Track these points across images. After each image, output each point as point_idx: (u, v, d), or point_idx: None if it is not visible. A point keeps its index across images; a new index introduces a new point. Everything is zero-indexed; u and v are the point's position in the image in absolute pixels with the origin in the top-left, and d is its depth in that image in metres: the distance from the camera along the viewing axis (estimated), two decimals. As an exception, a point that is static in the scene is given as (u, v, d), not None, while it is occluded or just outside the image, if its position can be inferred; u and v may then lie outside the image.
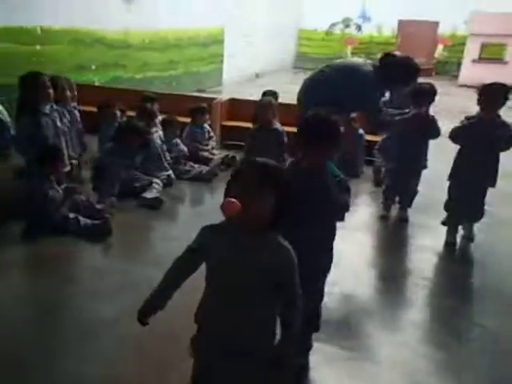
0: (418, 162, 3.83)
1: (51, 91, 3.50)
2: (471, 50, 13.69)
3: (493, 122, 3.22)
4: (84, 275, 2.98)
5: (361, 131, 5.07)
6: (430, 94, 3.69)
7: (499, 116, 3.25)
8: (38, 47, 6.04)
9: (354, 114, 4.56)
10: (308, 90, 3.76)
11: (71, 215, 3.41)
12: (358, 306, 2.78)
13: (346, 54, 16.50)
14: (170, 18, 9.00)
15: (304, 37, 17.97)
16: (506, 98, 3.17)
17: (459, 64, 14.34)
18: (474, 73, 12.83)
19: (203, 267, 1.57)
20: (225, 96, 6.73)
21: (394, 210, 4.09)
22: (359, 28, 17.20)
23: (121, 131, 4.11)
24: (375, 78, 3.51)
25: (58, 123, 3.68)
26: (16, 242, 3.25)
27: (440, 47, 15.67)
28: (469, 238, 3.61)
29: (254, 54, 13.59)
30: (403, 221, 3.95)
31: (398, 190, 3.96)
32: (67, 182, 3.62)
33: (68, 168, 3.68)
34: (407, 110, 3.73)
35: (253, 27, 13.14)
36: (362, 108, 3.72)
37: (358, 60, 3.74)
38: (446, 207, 3.58)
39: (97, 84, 7.18)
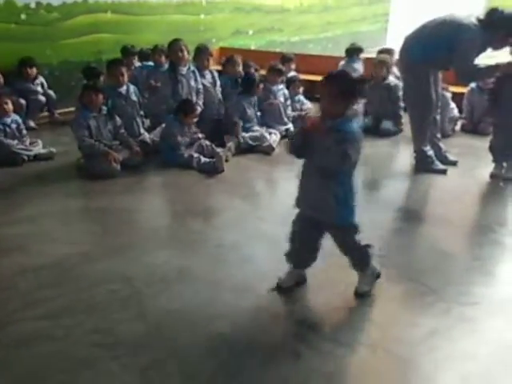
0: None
1: (186, 55, 4.35)
2: None
3: None
4: (193, 198, 3.76)
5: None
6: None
7: None
8: (202, 16, 7.07)
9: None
10: (408, 46, 3.79)
11: (195, 155, 4.24)
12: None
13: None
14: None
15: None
16: None
17: None
18: None
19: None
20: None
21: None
22: None
23: (244, 82, 4.83)
24: (478, 32, 3.43)
25: (192, 82, 4.54)
26: (154, 172, 4.23)
27: None
28: None
29: (428, 11, 12.71)
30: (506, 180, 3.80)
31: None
32: (196, 130, 4.44)
33: (197, 119, 4.48)
34: None
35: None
36: (457, 58, 3.57)
37: (460, 14, 3.65)
38: None
39: (252, 48, 7.98)
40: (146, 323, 2.22)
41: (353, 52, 6.13)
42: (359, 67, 6.01)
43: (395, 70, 5.00)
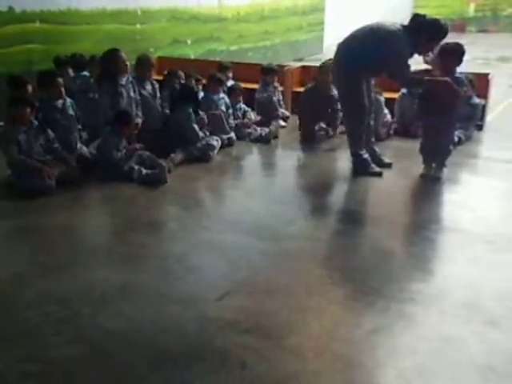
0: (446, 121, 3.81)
1: (127, 65, 4.26)
2: None
3: None
4: (135, 211, 3.67)
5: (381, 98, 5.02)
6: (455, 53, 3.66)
7: None
8: (138, 26, 6.96)
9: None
10: (340, 54, 3.94)
11: (136, 167, 4.14)
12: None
13: (468, 13, 15.16)
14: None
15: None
16: None
17: None
18: None
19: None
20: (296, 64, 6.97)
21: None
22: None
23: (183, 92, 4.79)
24: (404, 37, 3.61)
25: (131, 93, 4.43)
26: (92, 187, 4.08)
27: None
28: None
29: (361, 18, 13.24)
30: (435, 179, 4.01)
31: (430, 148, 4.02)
32: (134, 142, 4.34)
33: (136, 131, 4.38)
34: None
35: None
36: (391, 65, 3.76)
37: (386, 22, 3.84)
38: None
39: (192, 57, 7.95)
40: (82, 346, 2.12)
41: (265, 73, 5.54)
42: (271, 92, 5.60)
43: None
